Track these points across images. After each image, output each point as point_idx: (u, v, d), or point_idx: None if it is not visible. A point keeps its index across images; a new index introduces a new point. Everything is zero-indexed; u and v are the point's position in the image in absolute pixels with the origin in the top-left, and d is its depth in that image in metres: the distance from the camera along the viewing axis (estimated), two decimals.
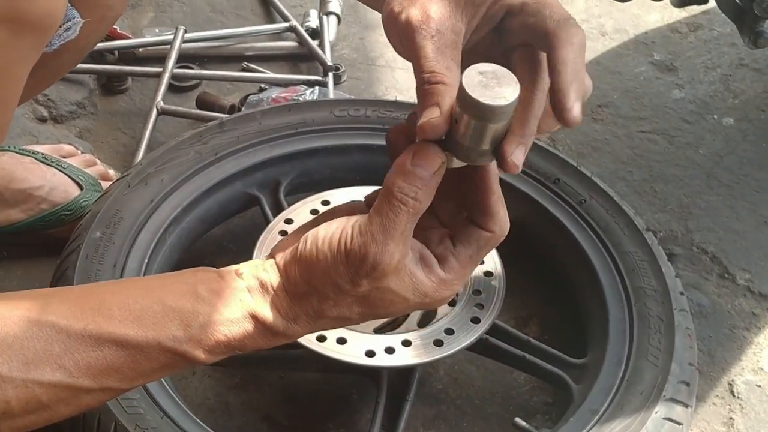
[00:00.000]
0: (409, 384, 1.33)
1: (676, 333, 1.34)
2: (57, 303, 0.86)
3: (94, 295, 0.89)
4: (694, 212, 1.79)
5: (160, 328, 0.86)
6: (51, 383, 0.83)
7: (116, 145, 1.86)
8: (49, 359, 0.83)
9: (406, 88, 2.06)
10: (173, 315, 0.86)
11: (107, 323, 0.85)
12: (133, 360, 0.86)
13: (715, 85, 2.12)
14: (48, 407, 0.85)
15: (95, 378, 0.85)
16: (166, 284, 0.90)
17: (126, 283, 1.05)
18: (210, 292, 0.88)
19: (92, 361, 0.84)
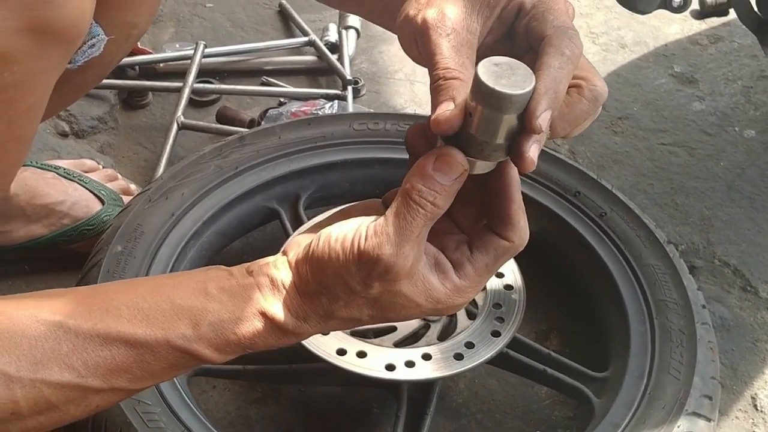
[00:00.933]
0: (430, 398, 1.32)
1: (698, 346, 1.33)
2: (65, 303, 0.85)
3: (103, 295, 0.88)
4: (716, 225, 1.78)
5: (169, 327, 0.85)
6: (60, 383, 0.83)
7: (137, 160, 1.87)
8: (58, 359, 0.82)
9: (425, 102, 2.06)
10: (183, 313, 0.85)
11: (116, 322, 0.84)
12: (142, 359, 0.85)
13: (736, 97, 2.11)
14: (57, 408, 0.84)
15: (104, 378, 0.84)
16: (176, 283, 0.89)
17: (135, 282, 1.03)
18: (220, 290, 0.87)
19: (101, 360, 0.84)
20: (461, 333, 1.32)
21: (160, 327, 0.85)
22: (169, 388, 1.23)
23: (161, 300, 0.86)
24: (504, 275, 1.40)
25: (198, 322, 0.85)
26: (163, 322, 0.85)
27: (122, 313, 0.85)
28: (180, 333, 0.85)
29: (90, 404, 0.86)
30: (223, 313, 0.86)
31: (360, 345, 1.29)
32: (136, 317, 0.85)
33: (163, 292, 0.87)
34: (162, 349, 0.85)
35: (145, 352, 0.85)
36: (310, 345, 1.28)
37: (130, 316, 0.85)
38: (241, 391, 1.44)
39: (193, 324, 0.85)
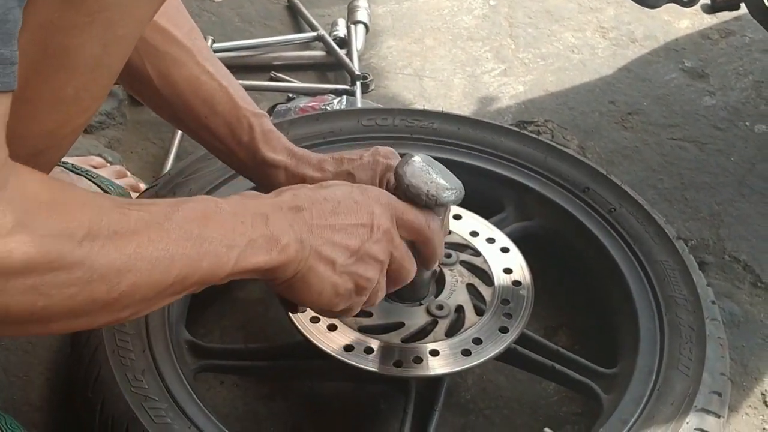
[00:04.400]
0: (438, 394, 1.32)
1: (708, 342, 1.32)
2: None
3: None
4: (726, 220, 1.77)
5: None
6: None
7: (145, 155, 1.87)
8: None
9: (434, 97, 2.06)
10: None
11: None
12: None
13: (747, 92, 2.10)
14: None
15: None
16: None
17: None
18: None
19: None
20: (469, 329, 1.32)
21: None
22: (176, 384, 1.23)
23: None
24: (512, 271, 1.40)
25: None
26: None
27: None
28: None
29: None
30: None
31: (367, 341, 1.28)
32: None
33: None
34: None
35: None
36: (317, 341, 1.27)
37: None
38: (249, 388, 1.44)
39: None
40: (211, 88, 1.26)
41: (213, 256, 0.89)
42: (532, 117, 2.00)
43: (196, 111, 1.27)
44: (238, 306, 1.56)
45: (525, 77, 2.15)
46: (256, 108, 1.30)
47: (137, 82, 1.25)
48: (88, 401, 1.22)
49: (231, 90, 1.28)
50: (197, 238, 0.88)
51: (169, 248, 0.85)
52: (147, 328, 1.29)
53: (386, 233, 1.07)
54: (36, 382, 1.40)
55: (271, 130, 1.29)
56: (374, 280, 1.07)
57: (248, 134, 1.27)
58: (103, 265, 0.79)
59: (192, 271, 0.88)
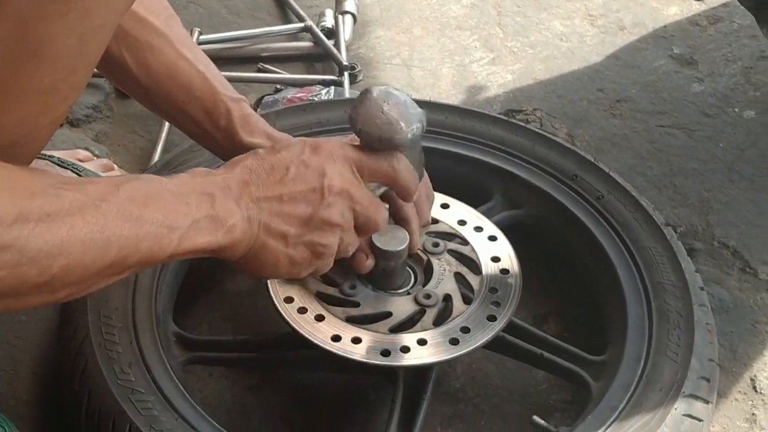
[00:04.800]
0: (426, 383, 1.32)
1: (696, 329, 1.32)
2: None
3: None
4: (715, 206, 1.77)
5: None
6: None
7: (133, 148, 1.87)
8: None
9: (422, 86, 2.05)
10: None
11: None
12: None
13: (735, 78, 2.10)
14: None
15: None
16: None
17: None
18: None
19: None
20: (457, 318, 1.31)
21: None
22: (163, 376, 1.23)
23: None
24: (500, 259, 1.40)
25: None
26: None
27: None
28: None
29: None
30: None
31: (355, 331, 1.28)
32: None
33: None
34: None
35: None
36: (305, 332, 1.27)
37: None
38: (238, 379, 1.43)
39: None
40: (189, 74, 1.26)
41: (153, 238, 0.89)
42: (521, 105, 2.00)
43: (174, 97, 1.26)
44: (227, 298, 1.56)
45: (513, 66, 2.14)
46: (234, 93, 1.29)
47: (116, 71, 1.25)
48: (74, 394, 1.21)
49: (209, 75, 1.27)
50: (136, 220, 0.87)
51: (104, 230, 0.84)
52: (134, 320, 1.29)
53: (341, 193, 1.05)
54: (23, 376, 1.40)
55: (249, 114, 1.28)
56: (333, 245, 1.06)
57: (225, 119, 1.27)
58: (33, 248, 0.78)
59: (130, 253, 0.87)
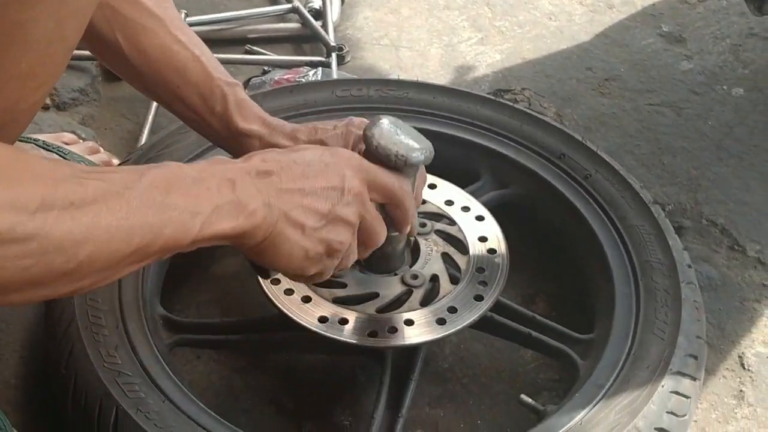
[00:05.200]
0: (414, 363, 1.32)
1: (683, 306, 1.32)
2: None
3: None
4: (703, 184, 1.77)
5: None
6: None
7: (120, 132, 1.86)
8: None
9: (410, 67, 2.05)
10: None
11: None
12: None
13: (724, 56, 2.09)
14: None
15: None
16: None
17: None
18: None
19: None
20: (444, 298, 1.31)
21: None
22: (150, 359, 1.23)
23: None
24: (487, 239, 1.39)
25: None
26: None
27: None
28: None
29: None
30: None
31: (342, 312, 1.28)
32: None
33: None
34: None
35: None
36: (292, 314, 1.27)
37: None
38: (226, 361, 1.43)
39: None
40: (184, 57, 1.25)
41: (176, 224, 0.88)
42: (509, 85, 1.99)
43: (167, 81, 1.25)
44: (214, 281, 1.56)
45: (502, 45, 2.14)
46: (229, 77, 1.28)
47: (108, 52, 1.23)
48: (61, 377, 1.21)
49: (204, 59, 1.26)
50: (159, 206, 0.86)
51: (128, 217, 0.83)
52: (120, 304, 1.29)
53: (357, 196, 1.05)
54: (10, 361, 1.40)
55: (244, 99, 1.28)
56: (346, 243, 1.06)
57: (221, 104, 1.26)
58: (58, 236, 0.77)
59: (154, 239, 0.86)
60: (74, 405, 1.18)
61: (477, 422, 1.38)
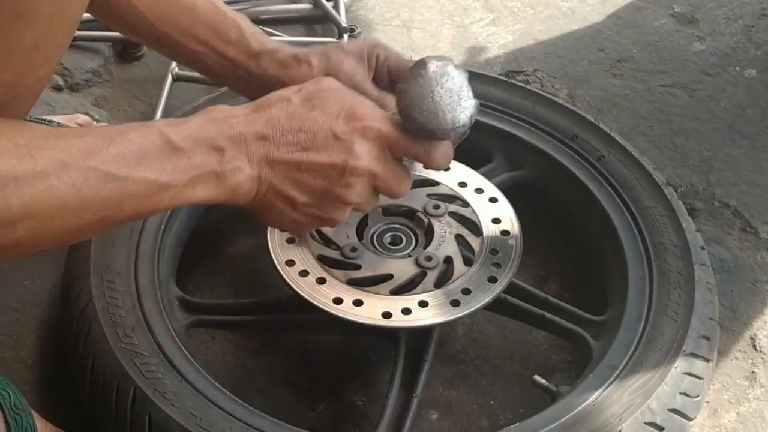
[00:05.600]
0: (427, 344, 1.32)
1: (697, 288, 1.33)
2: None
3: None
4: (716, 166, 1.77)
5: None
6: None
7: (133, 113, 1.86)
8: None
9: (422, 48, 2.04)
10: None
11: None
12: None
13: (736, 37, 2.08)
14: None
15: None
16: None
17: None
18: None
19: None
20: (458, 279, 1.32)
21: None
22: (166, 339, 1.24)
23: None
24: (501, 221, 1.40)
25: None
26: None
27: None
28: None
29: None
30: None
31: (356, 294, 1.28)
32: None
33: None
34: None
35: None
36: (306, 295, 1.28)
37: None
38: (240, 342, 1.44)
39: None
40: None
41: (140, 197, 0.86)
42: (521, 66, 1.99)
43: (176, 19, 1.21)
44: (228, 262, 1.56)
45: (514, 26, 2.13)
46: (238, 14, 1.25)
47: (117, 7, 1.20)
48: (79, 358, 1.22)
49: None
50: (122, 180, 0.84)
51: (80, 192, 0.81)
52: (137, 284, 1.29)
53: (363, 174, 1.00)
54: (27, 341, 1.41)
55: (256, 29, 1.24)
56: (340, 219, 1.03)
57: (236, 31, 1.22)
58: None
59: (111, 214, 0.85)
60: (92, 385, 1.19)
61: (490, 403, 1.39)
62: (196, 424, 1.12)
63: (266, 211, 0.99)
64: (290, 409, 1.36)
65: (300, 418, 1.34)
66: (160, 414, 1.13)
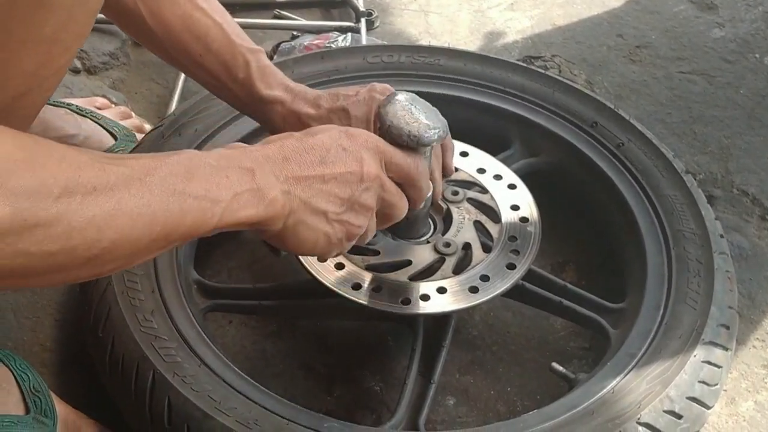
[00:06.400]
0: (445, 330, 1.33)
1: (716, 276, 1.32)
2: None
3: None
4: (735, 153, 1.76)
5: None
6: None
7: (150, 96, 1.86)
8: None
9: (439, 33, 2.04)
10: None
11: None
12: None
13: (756, 23, 2.07)
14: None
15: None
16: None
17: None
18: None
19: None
20: (477, 266, 1.31)
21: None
22: (185, 323, 1.24)
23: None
24: (520, 208, 1.39)
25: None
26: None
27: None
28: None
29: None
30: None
31: (376, 279, 1.28)
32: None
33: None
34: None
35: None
36: (325, 280, 1.28)
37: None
38: (257, 326, 1.44)
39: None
40: (205, 25, 1.25)
41: (197, 212, 0.87)
42: (539, 52, 1.98)
43: (190, 49, 1.25)
44: (245, 246, 1.56)
45: (532, 11, 2.12)
46: (251, 44, 1.28)
47: (131, 22, 1.23)
48: (98, 341, 1.23)
49: (225, 26, 1.26)
50: (181, 194, 0.86)
51: (150, 204, 0.83)
52: (156, 269, 1.30)
53: (376, 179, 1.05)
54: (45, 323, 1.41)
55: (267, 65, 1.28)
56: (364, 227, 1.06)
57: (244, 71, 1.26)
58: (81, 221, 0.77)
59: (175, 227, 0.86)
60: (111, 369, 1.19)
61: (507, 389, 1.39)
62: (215, 407, 1.13)
63: (298, 230, 1.00)
64: (307, 394, 1.36)
65: (317, 403, 1.35)
66: (180, 397, 1.13)
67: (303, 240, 1.02)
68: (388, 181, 1.08)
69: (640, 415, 1.14)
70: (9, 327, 1.40)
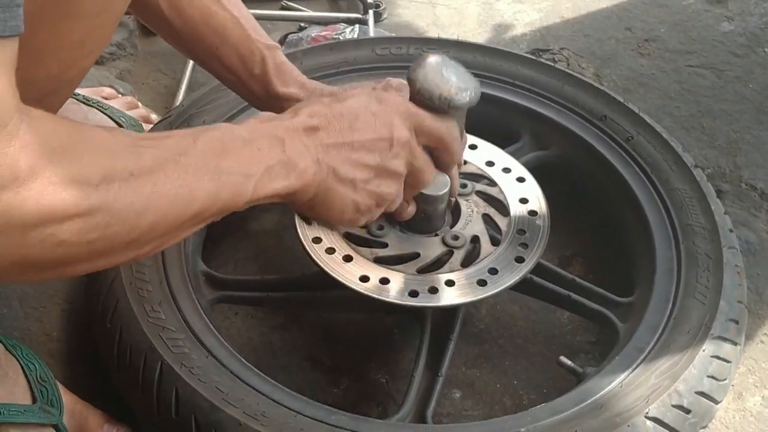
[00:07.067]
0: (453, 323, 1.32)
1: (725, 271, 1.31)
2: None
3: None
4: (743, 148, 1.75)
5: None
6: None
7: (157, 86, 1.86)
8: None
9: (447, 25, 2.03)
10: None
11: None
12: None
13: (766, 17, 2.06)
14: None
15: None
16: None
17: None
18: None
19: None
20: (485, 259, 1.31)
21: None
22: (193, 315, 1.24)
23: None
24: (528, 201, 1.39)
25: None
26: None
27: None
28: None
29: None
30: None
31: (383, 272, 1.28)
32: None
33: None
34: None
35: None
36: (333, 272, 1.27)
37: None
38: (264, 318, 1.44)
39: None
40: (223, 18, 1.25)
41: (231, 186, 0.88)
42: (548, 45, 1.98)
43: (207, 42, 1.26)
44: (252, 238, 1.56)
45: (540, 4, 2.11)
46: (268, 39, 1.28)
47: (149, 13, 1.24)
48: (106, 332, 1.22)
49: (243, 21, 1.26)
50: (215, 170, 0.87)
51: (187, 183, 0.84)
52: (163, 260, 1.29)
53: (405, 145, 1.05)
54: (52, 313, 1.41)
55: (283, 62, 1.28)
56: (393, 194, 1.07)
57: (260, 67, 1.26)
58: (121, 208, 0.77)
59: (211, 203, 0.87)
60: (119, 359, 1.19)
61: (513, 382, 1.39)
62: (223, 399, 1.12)
63: (328, 198, 1.01)
64: (314, 386, 1.36)
65: (323, 395, 1.34)
66: (187, 388, 1.13)
67: (331, 208, 1.02)
68: (417, 148, 1.08)
69: (649, 410, 1.14)
70: (15, 317, 1.40)
